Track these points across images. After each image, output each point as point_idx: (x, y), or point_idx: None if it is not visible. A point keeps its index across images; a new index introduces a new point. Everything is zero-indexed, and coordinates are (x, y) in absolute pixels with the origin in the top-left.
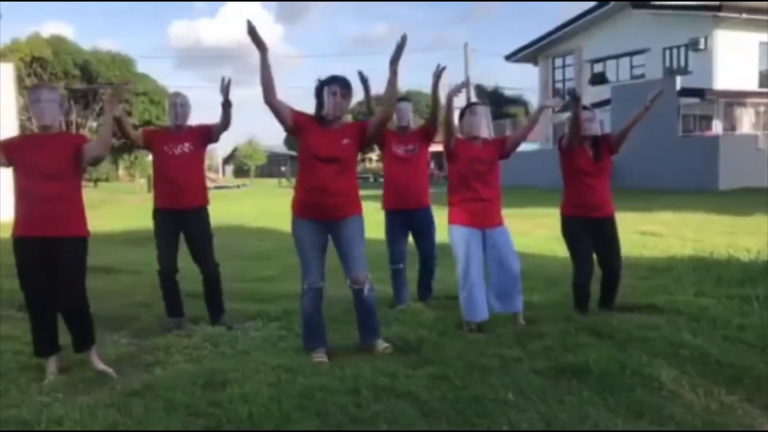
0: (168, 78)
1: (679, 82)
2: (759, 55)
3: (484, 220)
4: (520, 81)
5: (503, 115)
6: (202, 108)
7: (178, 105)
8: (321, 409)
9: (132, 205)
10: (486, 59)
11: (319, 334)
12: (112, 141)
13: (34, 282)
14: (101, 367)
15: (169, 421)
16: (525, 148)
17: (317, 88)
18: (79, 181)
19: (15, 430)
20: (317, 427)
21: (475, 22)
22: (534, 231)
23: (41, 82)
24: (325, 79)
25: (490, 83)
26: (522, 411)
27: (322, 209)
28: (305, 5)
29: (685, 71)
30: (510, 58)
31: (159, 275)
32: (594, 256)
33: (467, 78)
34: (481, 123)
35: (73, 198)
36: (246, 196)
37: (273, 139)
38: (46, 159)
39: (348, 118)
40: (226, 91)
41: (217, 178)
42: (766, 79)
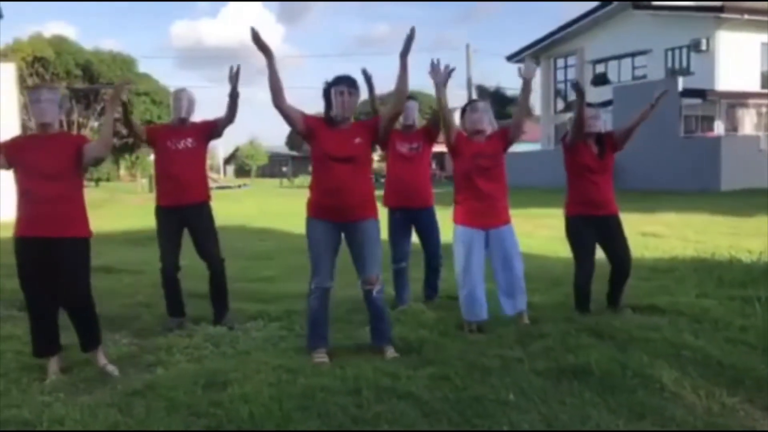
0: (169, 78)
1: (680, 83)
2: (761, 55)
3: (488, 219)
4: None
5: (505, 116)
6: (202, 108)
7: (183, 100)
8: (322, 409)
9: (133, 205)
10: (487, 60)
11: (323, 333)
12: (113, 141)
13: (35, 282)
14: (108, 367)
15: (170, 421)
16: (526, 148)
17: (325, 90)
18: (80, 182)
19: (16, 430)
20: (318, 427)
21: (477, 23)
22: (536, 231)
23: (43, 82)
24: (331, 81)
25: (491, 84)
26: (523, 412)
27: (340, 211)
28: (306, 5)
29: (687, 72)
30: (512, 58)
31: (161, 273)
32: (595, 257)
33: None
34: (482, 119)
35: (75, 198)
36: (247, 196)
37: (274, 139)
38: (46, 159)
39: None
40: (234, 80)
41: (218, 177)
42: (767, 80)
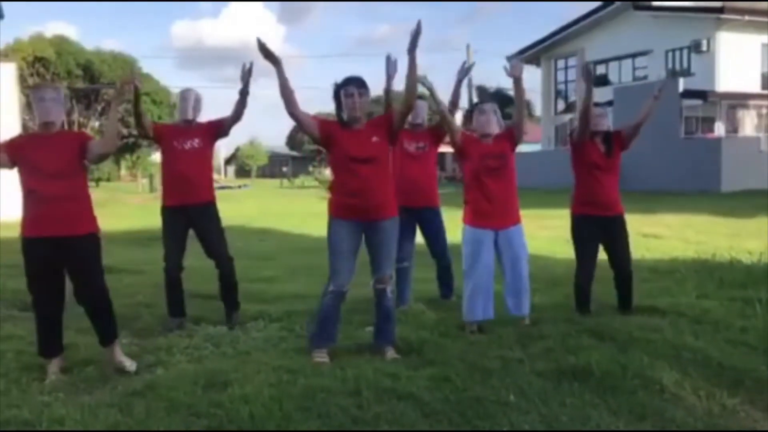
0: (170, 78)
1: (681, 84)
2: (761, 57)
3: (496, 220)
4: (523, 82)
5: (506, 116)
6: (204, 108)
7: (190, 100)
8: (322, 410)
9: (134, 205)
10: (488, 60)
11: (331, 333)
12: (118, 138)
13: (43, 283)
14: (126, 362)
15: (170, 422)
16: (527, 149)
17: (335, 92)
18: (84, 179)
19: (16, 430)
20: (318, 427)
21: (478, 23)
22: (537, 232)
23: (43, 81)
24: (340, 82)
25: (492, 84)
26: (523, 413)
27: (364, 210)
28: (307, 6)
29: (687, 73)
30: (512, 59)
31: (164, 273)
32: (598, 258)
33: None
34: (491, 120)
35: (81, 195)
36: (247, 197)
37: (275, 139)
38: (50, 158)
39: None
40: (246, 78)
41: (218, 178)
42: None
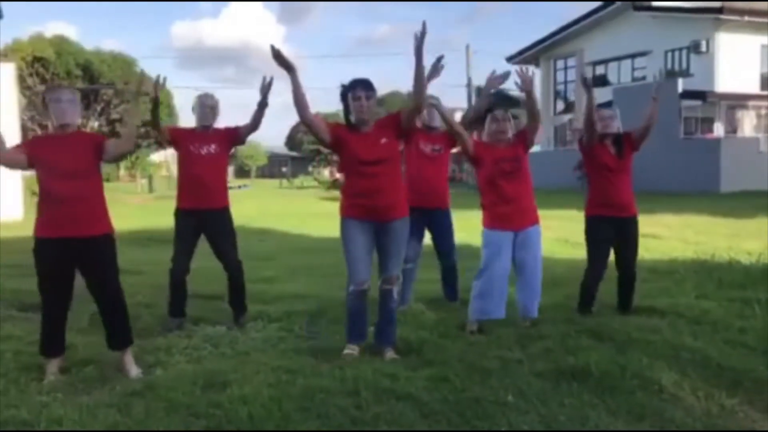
0: (170, 78)
1: (680, 85)
2: (760, 57)
3: (515, 222)
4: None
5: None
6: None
7: (207, 107)
8: (321, 410)
9: (133, 205)
10: (488, 60)
11: (361, 330)
12: (136, 137)
13: (54, 283)
14: (131, 371)
15: (169, 422)
16: None
17: (342, 94)
18: (100, 179)
19: (15, 430)
20: (317, 428)
21: (478, 24)
22: None
23: (43, 82)
24: (347, 85)
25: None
26: (522, 413)
27: (375, 211)
28: (307, 6)
29: (686, 74)
30: (511, 59)
31: (170, 274)
32: (608, 259)
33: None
34: (506, 128)
35: (96, 196)
36: (247, 197)
37: (274, 139)
38: (66, 158)
39: None
40: (266, 91)
41: None
42: (767, 81)
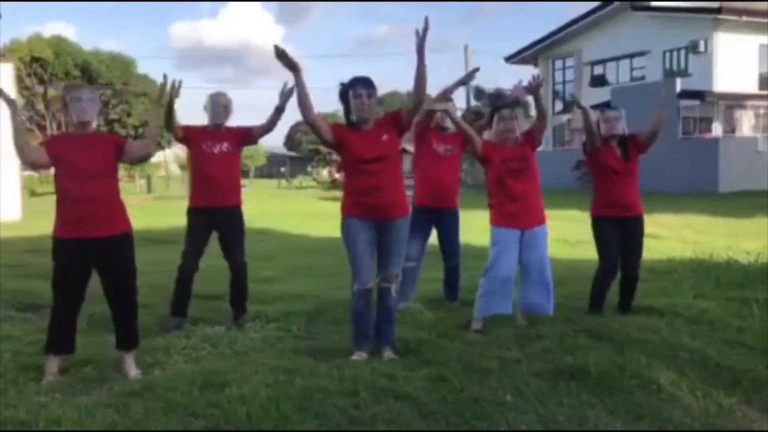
0: (169, 79)
1: (679, 85)
2: (759, 57)
3: (522, 220)
4: None
5: None
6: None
7: (220, 105)
8: (319, 410)
9: (132, 206)
10: (487, 61)
11: (367, 334)
12: (158, 139)
13: (71, 283)
14: (131, 372)
15: (167, 422)
16: None
17: (342, 93)
18: (117, 180)
19: (13, 430)
20: (316, 428)
21: (478, 24)
22: None
23: (41, 82)
24: (347, 83)
25: (490, 85)
26: (521, 413)
27: (376, 209)
28: (306, 6)
29: (685, 73)
30: (510, 59)
31: (178, 270)
32: (618, 256)
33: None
34: (513, 127)
35: (114, 196)
36: (246, 197)
37: (272, 139)
38: (86, 158)
39: None
40: (286, 97)
41: None
42: (765, 81)
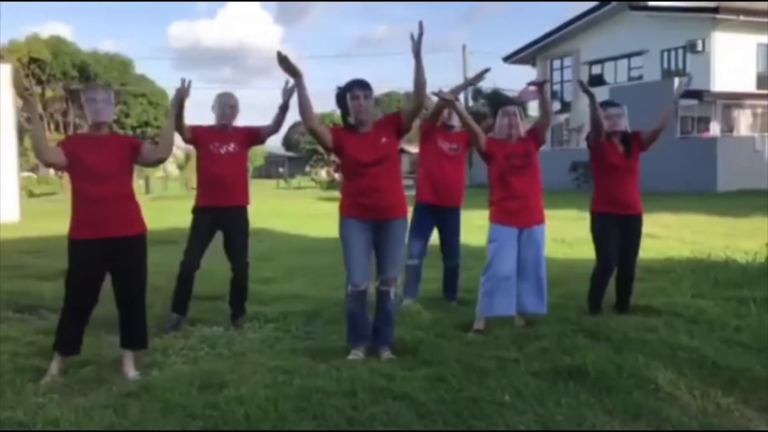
0: (168, 79)
1: (677, 84)
2: (756, 56)
3: (521, 218)
4: (519, 83)
5: None
6: (203, 109)
7: (227, 106)
8: (318, 410)
9: None
10: (486, 61)
11: (363, 333)
12: (174, 142)
13: (87, 284)
14: (129, 373)
15: (165, 423)
16: None
17: (339, 96)
18: (131, 181)
19: (11, 431)
20: (314, 428)
21: (477, 24)
22: None
23: (39, 83)
24: (344, 86)
25: (488, 85)
26: (519, 413)
27: (374, 209)
28: (305, 6)
29: (683, 73)
30: (508, 59)
31: (180, 267)
32: (617, 253)
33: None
34: (516, 123)
35: (129, 197)
36: None
37: (271, 140)
38: (101, 159)
39: None
40: (288, 95)
41: None
42: (763, 80)
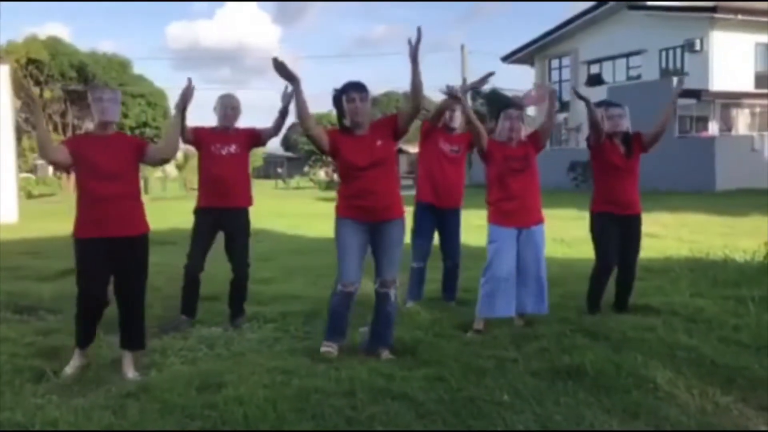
0: (166, 79)
1: (675, 84)
2: (754, 56)
3: (520, 219)
4: (517, 82)
5: None
6: (203, 110)
7: (228, 107)
8: (316, 411)
9: None
10: (485, 61)
11: (341, 329)
12: (179, 142)
13: (99, 282)
14: (129, 374)
15: (164, 423)
16: None
17: (335, 98)
18: (138, 181)
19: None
20: (313, 428)
21: (477, 24)
22: None
23: (37, 84)
24: (340, 88)
25: (487, 85)
26: (518, 412)
27: (370, 211)
28: (303, 6)
29: (681, 72)
30: (506, 59)
31: (185, 270)
32: (616, 253)
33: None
34: (518, 126)
35: (134, 196)
36: None
37: (270, 140)
38: (106, 158)
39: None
40: (288, 100)
41: None
42: (761, 80)
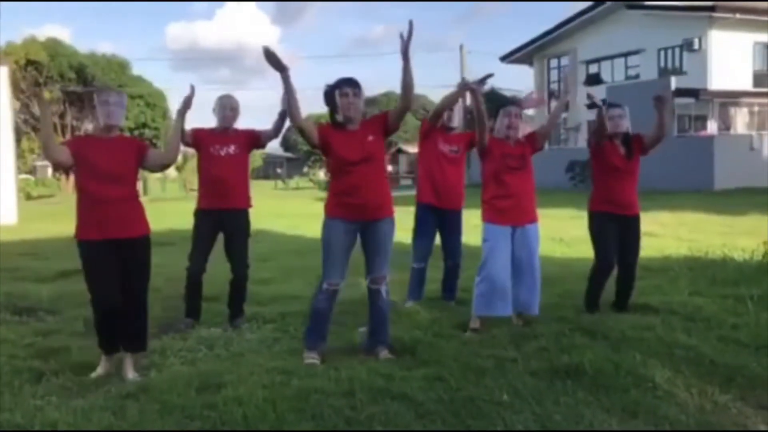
0: (165, 80)
1: (674, 83)
2: (753, 55)
3: (514, 217)
4: (516, 82)
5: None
6: (203, 110)
7: (228, 108)
8: (316, 411)
9: None
10: (484, 61)
11: (323, 333)
12: (180, 147)
13: (107, 283)
14: (131, 375)
15: (163, 424)
16: None
17: (328, 94)
18: (136, 184)
19: None
20: (312, 428)
21: (476, 24)
22: None
23: (36, 85)
24: (333, 84)
25: (486, 86)
26: (517, 412)
27: (360, 209)
28: (302, 6)
29: (679, 72)
30: (505, 59)
31: (187, 273)
32: (615, 252)
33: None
34: (516, 125)
35: (134, 198)
36: None
37: (269, 142)
38: (107, 160)
39: None
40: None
41: None
42: (760, 79)
